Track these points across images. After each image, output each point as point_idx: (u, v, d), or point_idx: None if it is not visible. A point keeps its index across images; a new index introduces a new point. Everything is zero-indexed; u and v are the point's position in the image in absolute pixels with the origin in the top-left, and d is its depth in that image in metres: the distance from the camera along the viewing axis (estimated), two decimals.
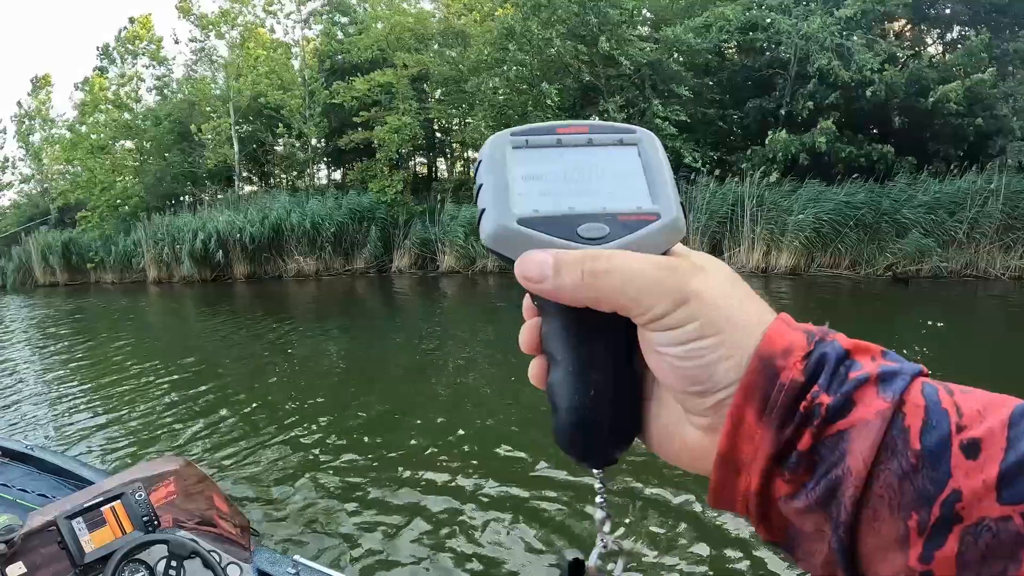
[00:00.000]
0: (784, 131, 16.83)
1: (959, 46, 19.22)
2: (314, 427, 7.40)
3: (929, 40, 20.73)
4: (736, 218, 16.91)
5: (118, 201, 25.35)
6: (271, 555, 3.48)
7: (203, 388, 9.26)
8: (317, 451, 6.67)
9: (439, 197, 21.67)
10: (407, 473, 5.98)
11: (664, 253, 0.44)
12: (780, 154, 16.80)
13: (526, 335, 0.48)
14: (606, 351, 0.45)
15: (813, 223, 16.11)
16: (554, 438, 0.47)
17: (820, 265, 16.54)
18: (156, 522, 3.14)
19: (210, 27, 25.44)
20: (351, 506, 5.41)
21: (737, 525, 4.74)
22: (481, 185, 0.46)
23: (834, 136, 16.54)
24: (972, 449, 0.36)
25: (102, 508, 3.07)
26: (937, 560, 0.35)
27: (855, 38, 16.40)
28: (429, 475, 5.91)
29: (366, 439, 6.94)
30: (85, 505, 3.05)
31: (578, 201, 0.45)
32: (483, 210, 0.45)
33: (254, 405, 8.36)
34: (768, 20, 17.11)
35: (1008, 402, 0.38)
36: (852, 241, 16.07)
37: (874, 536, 0.37)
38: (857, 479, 0.37)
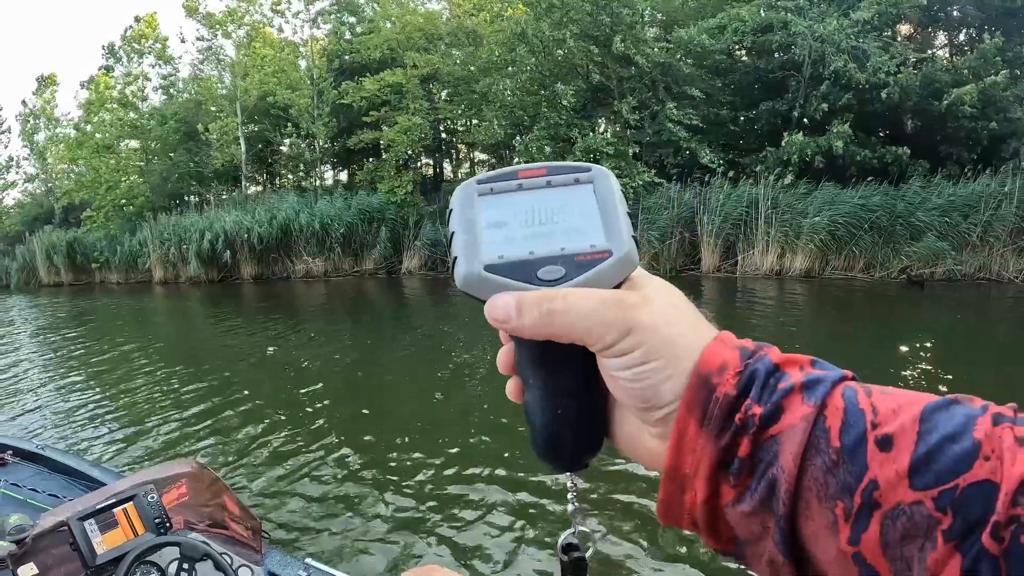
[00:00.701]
0: (800, 133, 16.79)
1: (966, 49, 19.28)
2: (325, 430, 7.36)
3: (936, 43, 20.65)
4: (750, 220, 16.84)
5: (123, 201, 25.25)
6: (282, 557, 3.46)
7: (214, 390, 9.21)
8: (328, 454, 6.63)
9: (450, 198, 21.69)
10: (417, 476, 5.95)
11: (620, 283, 0.49)
12: (795, 156, 16.74)
13: (502, 359, 0.54)
14: (570, 375, 0.50)
15: (828, 226, 16.05)
16: (532, 448, 0.53)
17: (834, 268, 16.48)
18: (168, 524, 3.11)
19: (217, 26, 25.35)
20: (362, 509, 5.40)
21: None
22: (453, 233, 0.51)
23: (850, 139, 16.50)
24: (886, 443, 0.40)
25: (114, 510, 3.04)
26: (864, 542, 0.40)
27: (869, 40, 16.33)
28: (439, 479, 5.88)
29: (377, 442, 6.90)
30: (97, 506, 3.03)
31: (538, 244, 0.49)
32: (455, 258, 0.50)
33: (265, 408, 8.31)
34: (785, 21, 16.97)
35: (921, 399, 0.42)
36: (866, 244, 16.01)
37: (809, 524, 0.42)
38: (789, 476, 0.42)
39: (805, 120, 17.66)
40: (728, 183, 17.12)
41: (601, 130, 18.94)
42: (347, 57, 24.31)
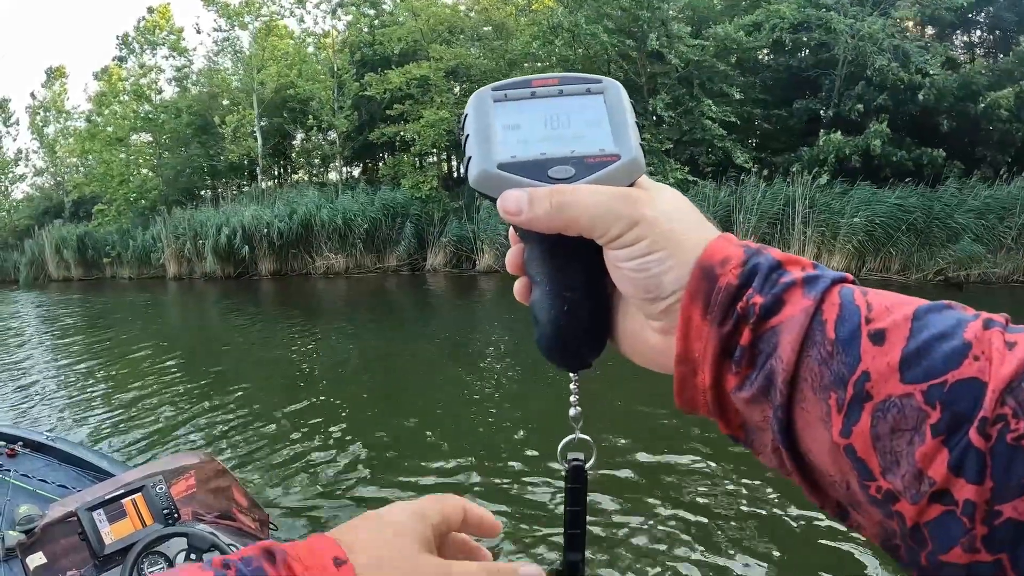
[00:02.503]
0: (839, 133, 16.63)
1: (992, 51, 19.06)
2: (336, 426, 7.31)
3: (957, 44, 20.39)
4: (786, 220, 16.64)
5: (133, 195, 24.88)
6: None
7: (226, 385, 9.15)
8: (338, 449, 6.61)
9: (476, 193, 21.58)
10: (427, 474, 5.95)
11: (629, 185, 0.50)
12: (831, 156, 16.58)
13: (511, 258, 0.55)
14: (577, 269, 0.52)
15: (866, 226, 15.87)
16: (538, 347, 0.54)
17: (870, 269, 16.30)
18: (176, 515, 3.14)
19: (234, 17, 24.95)
20: (371, 503, 5.30)
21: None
22: (468, 135, 0.52)
23: (887, 138, 16.39)
24: (879, 337, 0.41)
25: (123, 500, 3.06)
26: (855, 434, 0.41)
27: (909, 40, 16.34)
28: (449, 478, 5.86)
29: (388, 439, 6.87)
30: (106, 497, 3.06)
31: (549, 146, 0.51)
32: (469, 157, 0.51)
33: (276, 402, 8.25)
34: (826, 19, 16.80)
35: (915, 301, 0.43)
36: (903, 245, 15.88)
37: (804, 416, 0.43)
38: (787, 365, 0.43)
39: (838, 119, 17.49)
40: (763, 182, 16.92)
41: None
42: (367, 50, 23.88)
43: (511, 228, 0.54)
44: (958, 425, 0.38)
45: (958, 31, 20.06)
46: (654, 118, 17.92)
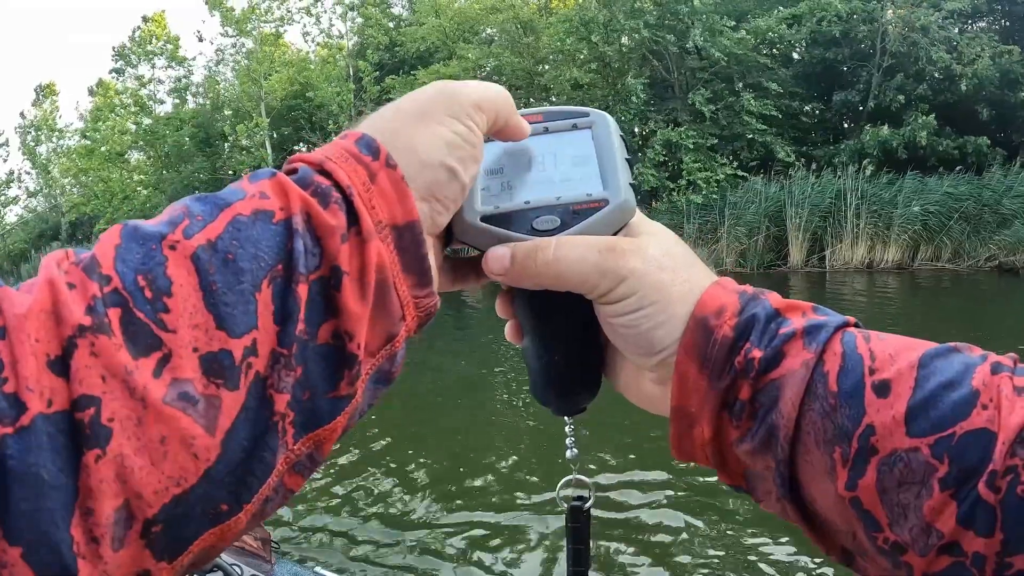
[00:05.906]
0: (886, 126, 16.53)
1: (1002, 40, 19.40)
2: (343, 442, 6.64)
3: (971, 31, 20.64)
4: (838, 213, 16.37)
5: (136, 214, 23.47)
6: (292, 567, 3.33)
7: None
8: (340, 464, 6.27)
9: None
10: (431, 489, 5.67)
11: (617, 231, 0.48)
12: (876, 150, 16.43)
13: (500, 304, 0.54)
14: (566, 323, 0.50)
15: (921, 215, 15.73)
16: (531, 392, 0.54)
17: (922, 259, 16.21)
18: None
19: (239, 24, 24.02)
20: (373, 520, 5.23)
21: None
22: None
23: (933, 129, 16.33)
24: (883, 389, 0.40)
25: None
26: (861, 488, 0.39)
27: (956, 31, 16.42)
28: (453, 492, 5.60)
29: (391, 453, 6.53)
30: None
31: (534, 193, 0.49)
32: None
33: None
34: (875, 10, 16.78)
35: (920, 346, 0.41)
36: (955, 233, 15.80)
37: (808, 469, 0.41)
38: (788, 421, 0.41)
39: (877, 110, 17.40)
40: (812, 175, 16.69)
41: (671, 124, 18.15)
42: (384, 53, 23.20)
43: None
44: (967, 478, 0.36)
45: (970, 19, 20.35)
46: (691, 112, 17.58)
